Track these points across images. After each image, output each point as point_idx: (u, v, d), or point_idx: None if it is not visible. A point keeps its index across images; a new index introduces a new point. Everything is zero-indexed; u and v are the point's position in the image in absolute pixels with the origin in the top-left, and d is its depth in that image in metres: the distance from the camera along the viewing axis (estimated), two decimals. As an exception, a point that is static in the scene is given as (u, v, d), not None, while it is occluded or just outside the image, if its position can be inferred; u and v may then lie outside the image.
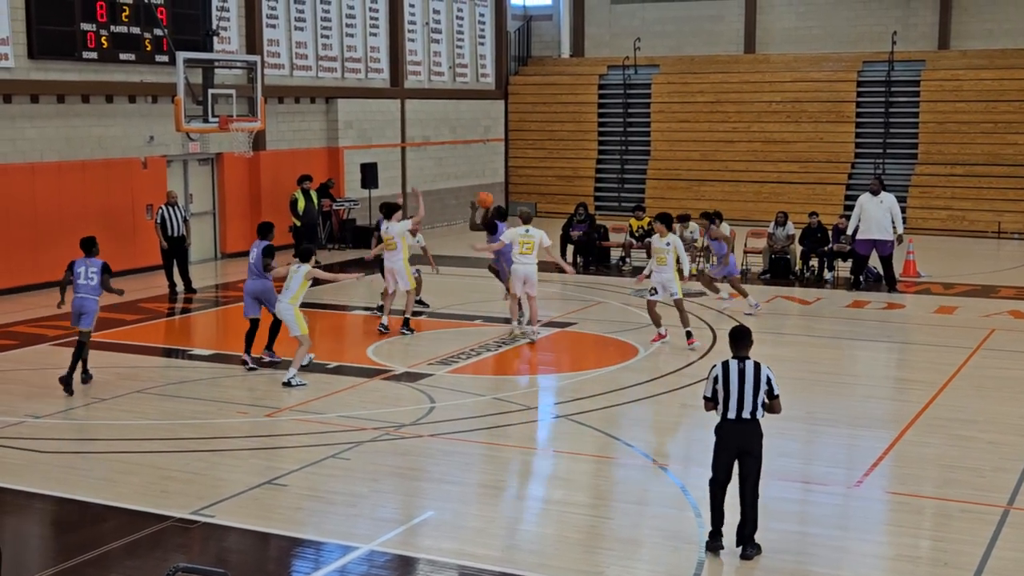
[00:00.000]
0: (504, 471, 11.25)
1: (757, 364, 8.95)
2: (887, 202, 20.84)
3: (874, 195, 20.92)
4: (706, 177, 32.62)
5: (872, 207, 20.78)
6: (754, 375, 8.86)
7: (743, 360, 8.95)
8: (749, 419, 8.86)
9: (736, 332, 9.15)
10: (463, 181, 33.01)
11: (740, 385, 8.82)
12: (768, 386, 8.87)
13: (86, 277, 14.16)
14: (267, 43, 25.92)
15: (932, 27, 32.66)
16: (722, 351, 15.86)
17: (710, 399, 9.01)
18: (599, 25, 36.76)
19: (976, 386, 14.12)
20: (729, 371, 8.90)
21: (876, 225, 20.70)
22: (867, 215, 20.81)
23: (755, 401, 8.85)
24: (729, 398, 8.84)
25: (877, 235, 20.74)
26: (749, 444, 8.87)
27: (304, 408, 13.04)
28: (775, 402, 8.96)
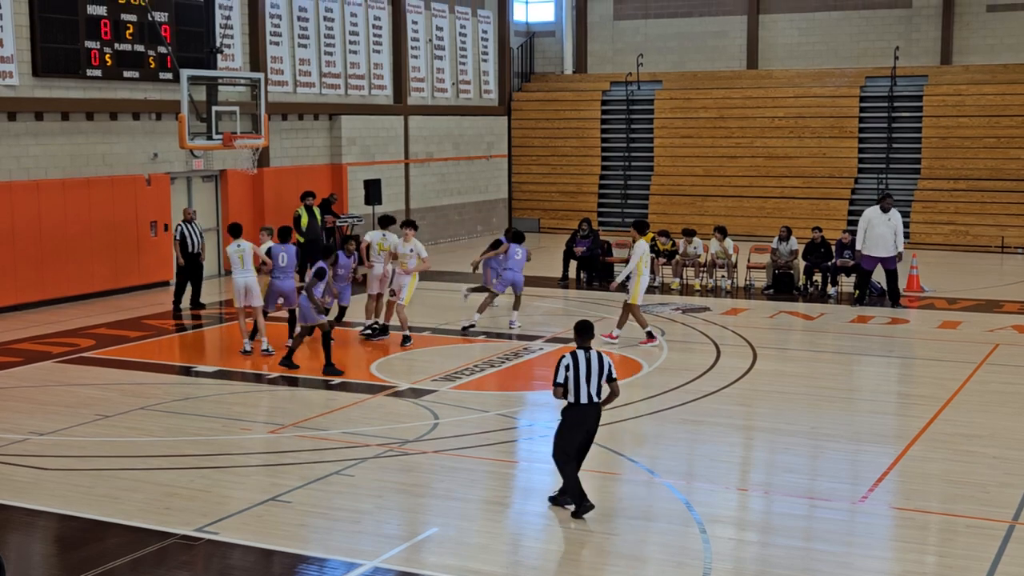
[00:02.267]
0: (508, 487, 11.24)
1: (600, 353, 10.16)
2: (894, 220, 20.79)
3: (883, 212, 20.83)
4: (709, 193, 32.66)
5: (880, 224, 20.70)
6: (598, 363, 10.05)
7: (588, 350, 10.12)
8: (596, 402, 10.09)
9: (580, 325, 10.27)
10: (466, 197, 33.07)
11: (588, 372, 9.98)
12: (608, 369, 10.10)
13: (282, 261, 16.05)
14: (271, 60, 26.00)
15: (934, 42, 32.73)
16: (725, 366, 15.89)
17: (561, 385, 10.05)
18: (602, 41, 36.86)
19: (981, 401, 14.10)
20: (578, 360, 10.03)
21: (883, 243, 20.62)
22: (874, 232, 20.69)
23: (599, 386, 10.05)
24: (580, 384, 9.96)
25: (883, 253, 20.67)
26: (595, 424, 10.16)
27: (308, 425, 13.04)
28: (613, 384, 10.17)
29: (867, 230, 20.78)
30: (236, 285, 16.71)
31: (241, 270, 16.69)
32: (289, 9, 26.67)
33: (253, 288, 16.63)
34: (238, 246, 16.83)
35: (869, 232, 20.76)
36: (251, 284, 16.63)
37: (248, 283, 16.64)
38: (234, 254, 16.83)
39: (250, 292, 16.63)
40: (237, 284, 16.70)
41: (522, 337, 18.16)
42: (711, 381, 15.15)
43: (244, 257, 16.71)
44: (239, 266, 16.70)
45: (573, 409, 10.07)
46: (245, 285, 16.65)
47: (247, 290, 16.66)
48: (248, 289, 16.65)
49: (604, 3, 36.76)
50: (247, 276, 16.66)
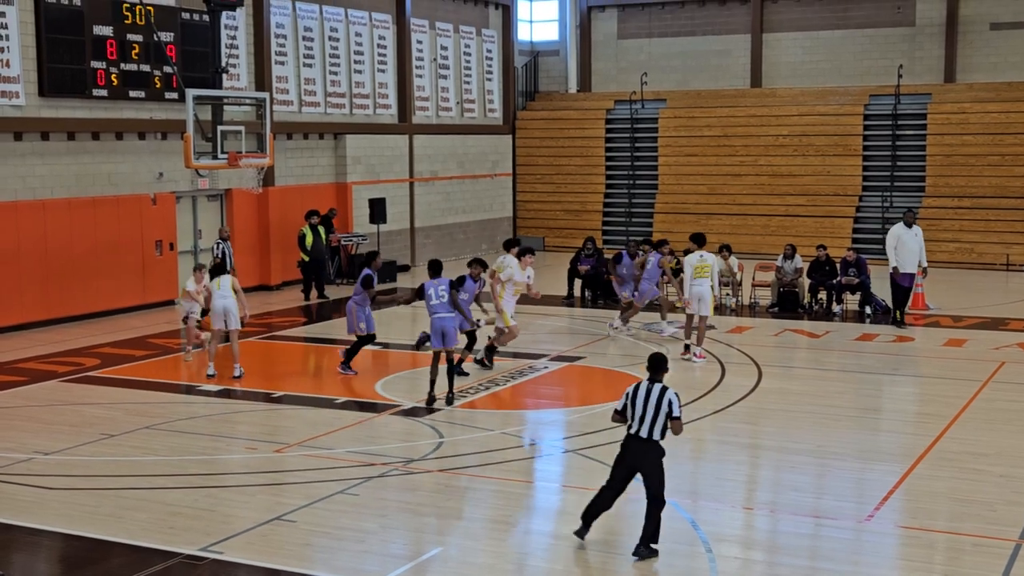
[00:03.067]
0: (513, 506, 11.21)
1: (664, 390, 9.65)
2: (921, 235, 20.71)
3: (908, 227, 20.76)
4: (714, 211, 32.67)
5: (909, 239, 20.57)
6: (657, 399, 9.58)
7: (653, 384, 9.71)
8: (642, 437, 9.60)
9: (651, 358, 9.91)
10: (471, 216, 33.10)
11: (644, 406, 9.58)
12: (669, 408, 9.56)
13: (437, 297, 15.03)
14: (276, 80, 26.07)
15: (938, 60, 32.78)
16: (730, 384, 15.86)
17: (618, 411, 9.85)
18: (606, 60, 36.94)
19: (987, 419, 14.06)
20: (638, 392, 9.69)
21: (912, 258, 20.46)
22: (905, 248, 20.45)
23: (654, 422, 9.56)
24: (632, 415, 9.65)
25: (913, 268, 20.53)
26: (636, 459, 9.64)
27: (312, 443, 13.03)
28: (675, 423, 9.63)
29: (897, 247, 20.62)
30: (215, 308, 16.69)
31: (219, 292, 16.71)
32: (294, 29, 26.77)
33: (232, 311, 16.67)
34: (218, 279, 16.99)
35: (900, 249, 20.50)
36: (230, 307, 16.65)
37: (227, 306, 16.64)
38: (211, 282, 16.99)
39: (229, 315, 16.66)
40: (216, 307, 16.69)
41: (527, 356, 18.15)
42: (716, 399, 15.13)
43: (222, 282, 16.77)
44: (216, 288, 16.75)
45: (624, 438, 9.84)
46: (224, 308, 16.66)
47: (226, 313, 16.67)
48: (227, 312, 16.66)
49: (608, 22, 36.86)
50: (226, 299, 16.66)
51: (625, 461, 9.70)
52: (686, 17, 35.70)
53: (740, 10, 35.05)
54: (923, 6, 32.88)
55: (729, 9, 35.21)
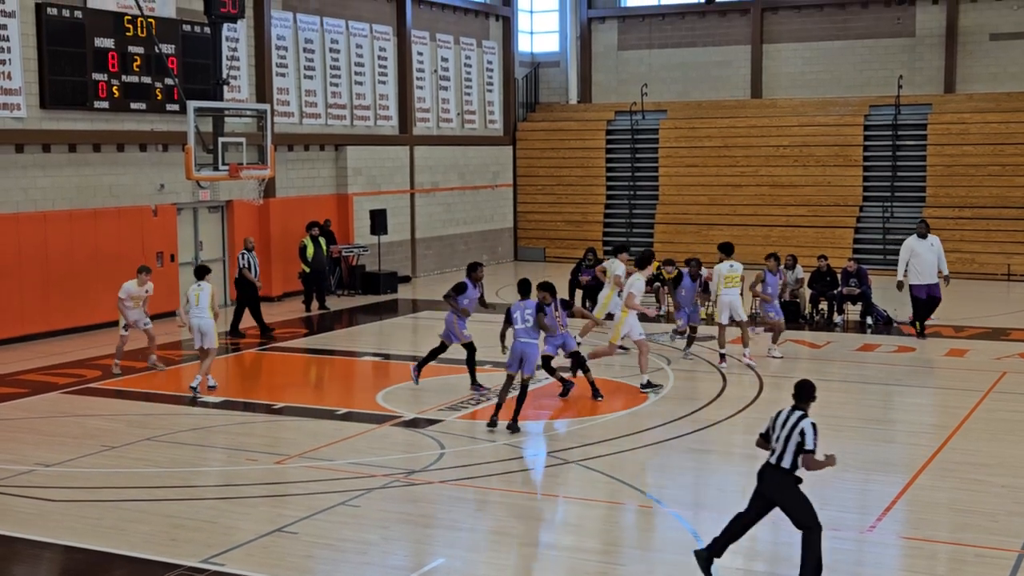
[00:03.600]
0: (514, 517, 11.20)
1: (800, 420, 9.03)
2: (936, 245, 20.72)
3: (922, 238, 20.76)
4: (714, 221, 32.69)
5: (923, 250, 20.58)
6: (791, 429, 9.00)
7: (793, 411, 9.11)
8: (775, 465, 9.10)
9: (797, 385, 9.28)
10: (472, 227, 33.12)
11: (778, 434, 9.10)
12: (800, 438, 8.95)
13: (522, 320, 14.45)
14: (277, 91, 26.12)
15: (938, 71, 32.82)
16: (732, 395, 15.84)
17: (762, 435, 9.34)
18: (606, 71, 37.00)
19: (988, 429, 14.05)
20: (779, 417, 9.16)
21: (928, 269, 20.50)
22: (919, 259, 20.49)
23: (784, 451, 9.02)
24: (768, 442, 9.21)
25: (930, 280, 20.55)
26: (771, 490, 9.13)
27: (314, 455, 13.02)
28: (805, 456, 8.99)
29: (910, 259, 20.64)
30: (193, 326, 16.42)
31: (196, 309, 16.34)
32: (295, 41, 26.82)
33: (208, 331, 16.28)
34: (198, 286, 16.58)
35: (913, 260, 20.52)
36: (205, 327, 16.28)
37: (202, 325, 16.28)
38: (192, 293, 16.54)
39: (205, 335, 16.28)
40: (192, 325, 16.42)
41: (528, 366, 18.10)
42: (718, 410, 15.12)
43: (201, 296, 16.38)
44: (194, 304, 16.37)
45: (761, 466, 9.33)
46: (199, 327, 16.31)
47: (201, 332, 16.30)
48: (202, 332, 16.30)
49: (608, 34, 36.93)
50: (202, 318, 16.27)
51: (761, 491, 9.24)
52: (686, 28, 35.77)
53: (740, 21, 35.13)
54: (923, 17, 32.95)
55: (729, 20, 35.28)
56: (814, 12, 34.27)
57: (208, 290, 16.45)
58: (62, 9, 20.96)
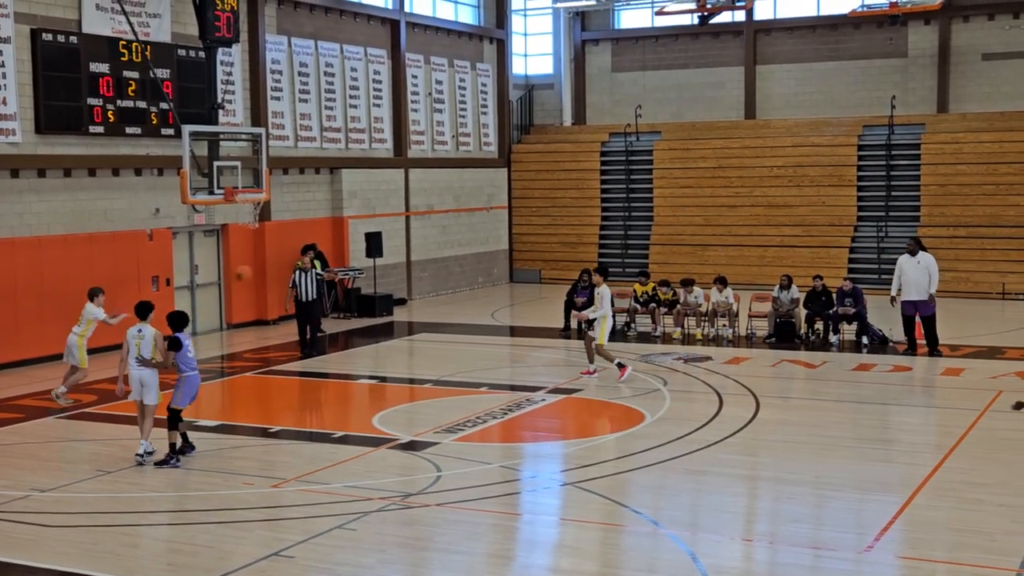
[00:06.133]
0: (511, 540, 11.18)
1: None
2: (924, 262, 20.81)
3: (911, 255, 20.89)
4: (710, 242, 32.74)
5: (910, 268, 20.74)
6: None
7: None
8: None
9: None
10: (467, 249, 33.15)
11: None
12: None
13: None
14: (272, 115, 26.17)
15: (931, 91, 32.95)
16: (728, 416, 15.84)
17: None
18: (600, 93, 37.13)
19: (985, 448, 14.05)
20: None
21: (916, 287, 20.61)
22: (907, 277, 20.71)
23: None
24: None
25: (917, 296, 20.67)
26: None
27: (310, 478, 12.99)
28: None
29: (901, 276, 20.81)
30: (131, 377, 13.87)
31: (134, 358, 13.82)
32: (290, 64, 26.89)
33: (149, 383, 13.79)
34: (139, 331, 13.89)
35: (903, 278, 20.76)
36: (147, 379, 13.76)
37: (143, 376, 13.75)
38: (132, 340, 13.87)
39: (146, 387, 13.79)
40: (132, 376, 13.86)
41: (524, 388, 18.14)
42: (714, 431, 15.11)
43: (142, 346, 13.76)
44: (133, 353, 13.80)
45: None
46: (140, 378, 13.78)
47: (142, 384, 13.80)
48: (143, 384, 13.79)
49: (602, 55, 37.07)
50: (143, 370, 13.77)
51: None
52: (680, 50, 35.92)
53: (733, 43, 35.27)
54: (915, 37, 33.10)
55: (722, 42, 35.43)
56: (807, 33, 34.43)
57: (150, 334, 13.84)
58: (57, 34, 21.02)
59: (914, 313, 20.87)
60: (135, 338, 13.86)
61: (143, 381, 13.79)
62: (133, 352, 13.82)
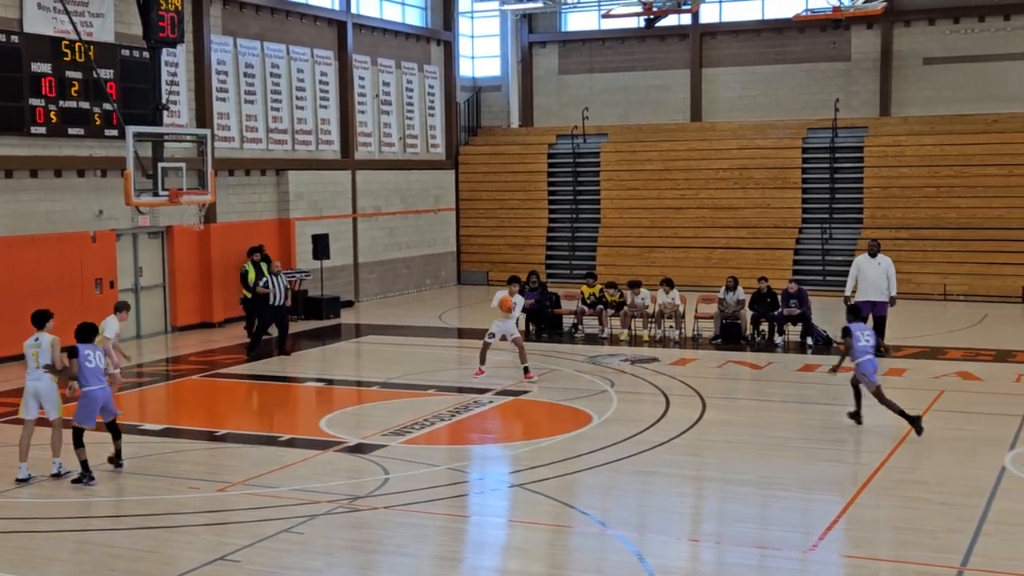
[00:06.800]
0: (460, 542, 11.17)
1: None
2: (884, 264, 21.05)
3: (871, 256, 21.09)
4: (656, 244, 32.92)
5: (870, 269, 20.93)
6: None
7: None
8: None
9: None
10: (415, 251, 33.09)
11: None
12: None
13: None
14: (217, 116, 25.96)
15: (873, 95, 33.35)
16: (675, 417, 15.93)
17: None
18: (547, 95, 37.20)
19: (927, 447, 14.23)
20: None
21: (874, 287, 20.83)
22: (865, 277, 20.91)
23: None
24: None
25: (875, 297, 20.88)
26: None
27: (256, 482, 12.90)
28: None
29: (858, 277, 20.97)
30: (26, 390, 13.14)
31: (34, 371, 13.09)
32: (235, 66, 26.69)
33: (47, 395, 13.06)
34: (36, 340, 13.18)
35: (860, 278, 20.94)
36: (43, 390, 13.03)
37: (39, 388, 13.03)
38: (29, 349, 13.15)
39: (44, 400, 13.06)
40: (27, 389, 13.13)
41: (471, 390, 18.13)
42: (661, 432, 15.19)
43: (40, 355, 13.07)
44: (32, 365, 13.07)
45: None
46: (36, 391, 13.06)
47: (38, 397, 13.08)
48: (39, 396, 13.06)
49: (549, 58, 37.14)
50: (40, 380, 13.04)
51: None
52: (626, 52, 36.08)
53: (679, 46, 35.48)
54: (858, 41, 33.48)
55: (668, 45, 35.63)
56: (752, 37, 34.71)
57: (47, 342, 13.11)
58: (-2, 33, 20.75)
59: (868, 314, 21.00)
60: (32, 347, 13.13)
61: (38, 393, 13.03)
62: (31, 363, 13.03)
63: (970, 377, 18.85)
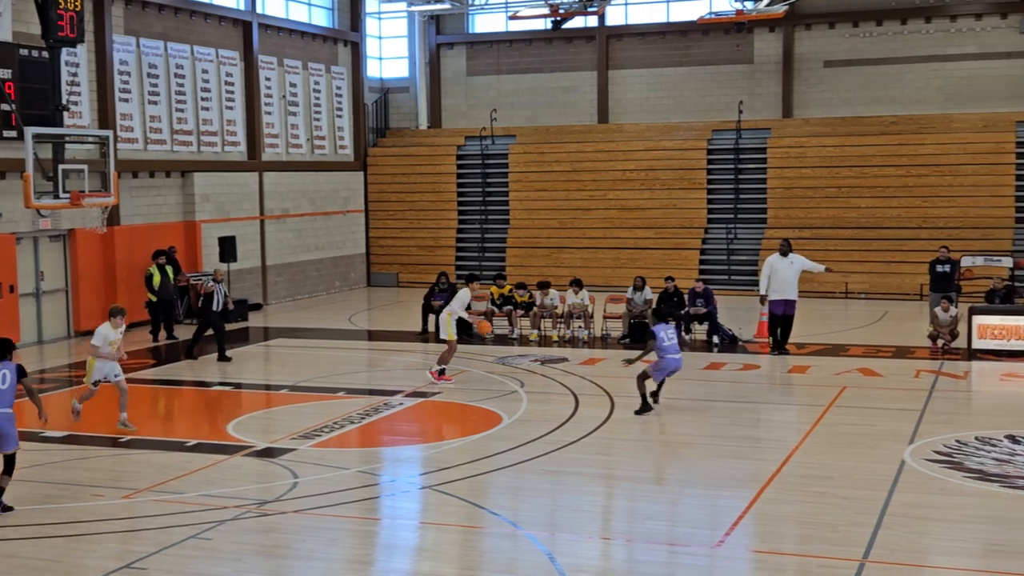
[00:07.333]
0: (370, 545, 11.14)
1: None
2: (797, 263, 21.36)
3: (783, 256, 21.38)
4: (565, 244, 33.13)
5: (782, 267, 21.22)
6: None
7: None
8: None
9: None
10: (323, 253, 32.87)
11: None
12: None
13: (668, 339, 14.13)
14: (120, 117, 25.54)
15: (776, 96, 33.94)
16: (584, 416, 16.05)
17: None
18: (455, 96, 37.21)
19: (830, 443, 14.53)
20: None
21: (788, 285, 21.12)
22: (778, 276, 21.15)
23: None
24: None
25: (788, 295, 21.16)
26: None
27: (163, 488, 12.73)
28: None
29: (771, 276, 21.24)
30: None
31: None
32: (138, 66, 26.28)
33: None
34: None
35: (773, 277, 21.19)
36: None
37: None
38: None
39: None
40: None
41: (382, 392, 18.08)
42: (571, 431, 15.29)
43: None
44: None
45: None
46: None
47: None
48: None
49: (457, 59, 37.16)
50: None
51: None
52: (533, 54, 36.25)
53: (586, 48, 35.74)
54: (760, 44, 34.04)
55: (575, 47, 35.88)
56: (657, 39, 35.10)
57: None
58: None
59: (782, 312, 21.34)
60: None
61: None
62: None
63: (871, 373, 19.28)
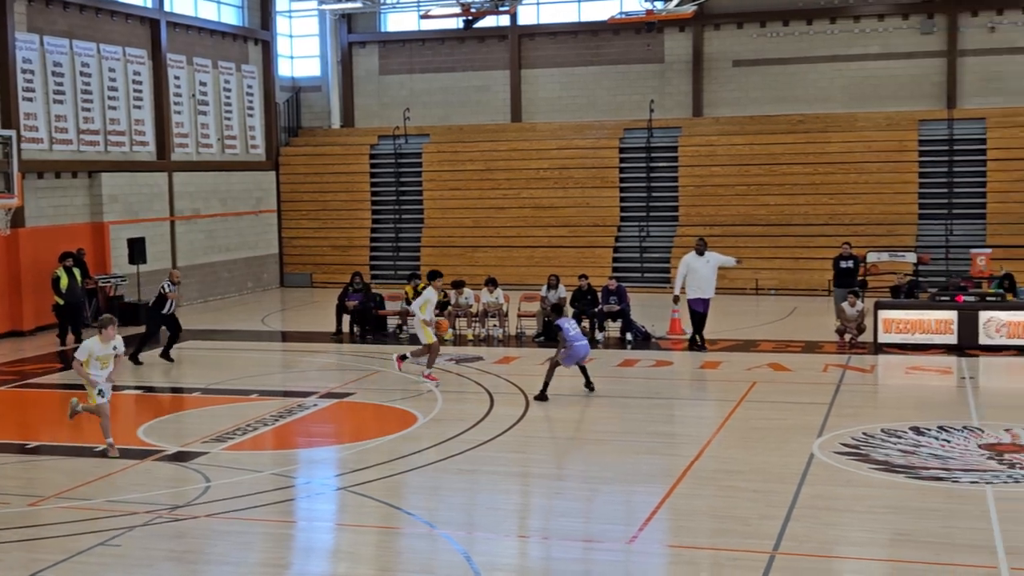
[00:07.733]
0: (285, 548, 11.05)
1: None
2: (713, 260, 21.56)
3: (699, 255, 21.57)
4: (479, 243, 33.16)
5: (699, 266, 21.40)
6: None
7: None
8: None
9: None
10: (235, 254, 32.52)
11: None
12: None
13: None
14: (24, 116, 25.01)
15: (686, 96, 34.31)
16: (499, 414, 16.10)
17: None
18: (368, 96, 37.04)
19: (741, 437, 14.74)
20: None
21: (706, 283, 21.34)
22: (695, 274, 21.34)
23: None
24: None
25: (705, 294, 21.37)
26: None
27: (71, 495, 12.50)
28: None
29: (687, 275, 21.43)
30: None
31: None
32: (42, 64, 25.75)
33: None
34: None
35: (690, 276, 21.38)
36: None
37: None
38: None
39: None
40: None
41: (296, 394, 17.94)
42: (486, 430, 15.32)
43: None
44: None
45: None
46: None
47: None
48: None
49: (369, 58, 36.99)
50: None
51: None
52: (446, 53, 36.22)
53: (499, 47, 35.81)
54: (671, 43, 34.39)
55: (488, 46, 35.92)
56: (568, 39, 35.27)
57: None
58: None
59: (704, 310, 21.58)
60: None
61: None
62: None
63: (780, 368, 19.60)
